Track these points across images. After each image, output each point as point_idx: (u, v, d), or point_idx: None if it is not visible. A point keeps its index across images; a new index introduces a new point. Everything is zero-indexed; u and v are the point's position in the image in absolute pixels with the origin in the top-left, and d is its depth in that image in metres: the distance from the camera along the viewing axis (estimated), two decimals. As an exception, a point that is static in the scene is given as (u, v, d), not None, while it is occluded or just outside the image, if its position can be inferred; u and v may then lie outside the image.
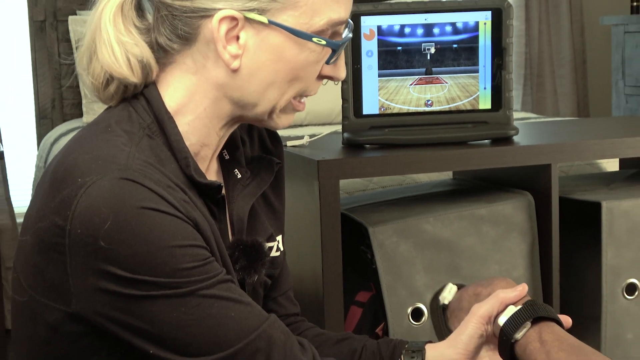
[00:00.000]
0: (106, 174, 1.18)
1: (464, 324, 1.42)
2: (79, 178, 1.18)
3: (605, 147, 1.90)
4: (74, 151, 1.24)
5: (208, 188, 1.30)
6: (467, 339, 1.41)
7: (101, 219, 1.16)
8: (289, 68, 1.29)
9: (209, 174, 1.36)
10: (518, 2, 4.62)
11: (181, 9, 1.26)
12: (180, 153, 1.28)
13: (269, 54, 1.27)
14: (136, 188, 1.17)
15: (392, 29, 1.84)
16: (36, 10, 3.95)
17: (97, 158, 1.20)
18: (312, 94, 1.35)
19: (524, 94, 4.69)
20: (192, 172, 1.27)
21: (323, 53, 1.30)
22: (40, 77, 3.96)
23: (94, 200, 1.16)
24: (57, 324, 1.24)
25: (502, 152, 1.84)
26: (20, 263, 1.28)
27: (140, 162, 1.21)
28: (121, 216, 1.16)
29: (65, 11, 3.96)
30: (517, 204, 1.89)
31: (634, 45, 4.22)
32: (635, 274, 1.92)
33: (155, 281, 1.17)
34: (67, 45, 3.94)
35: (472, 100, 1.89)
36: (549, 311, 1.36)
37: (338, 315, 1.76)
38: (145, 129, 1.28)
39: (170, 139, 1.28)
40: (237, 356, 1.20)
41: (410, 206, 1.90)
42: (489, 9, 1.86)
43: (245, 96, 1.30)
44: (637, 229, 1.91)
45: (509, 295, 1.40)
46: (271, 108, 1.31)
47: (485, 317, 1.40)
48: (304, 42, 1.27)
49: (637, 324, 1.92)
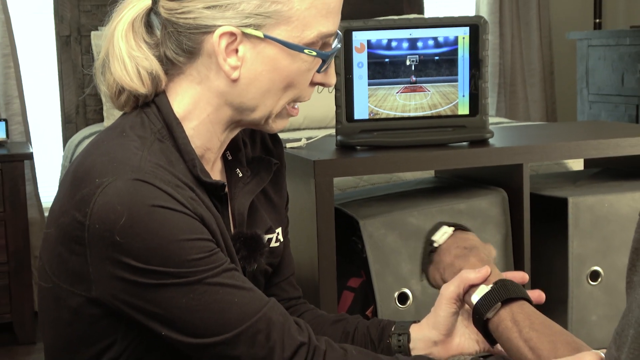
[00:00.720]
0: (121, 175, 1.18)
1: (437, 306, 1.41)
2: (96, 178, 1.18)
3: (571, 149, 1.90)
4: (93, 153, 1.24)
5: (213, 187, 1.30)
6: (443, 319, 1.40)
7: (116, 215, 1.16)
8: (283, 77, 1.28)
9: (214, 173, 1.36)
10: (493, 19, 4.62)
11: (185, 26, 1.26)
12: (188, 155, 1.28)
13: (265, 64, 1.27)
14: (148, 188, 1.17)
15: (380, 42, 1.84)
16: (62, 27, 3.94)
17: (113, 160, 1.20)
18: (306, 99, 1.34)
19: (498, 101, 4.69)
20: (199, 172, 1.28)
21: (314, 63, 1.29)
22: (66, 86, 3.95)
23: (110, 199, 1.16)
24: (79, 307, 1.24)
25: (479, 153, 1.84)
26: (45, 253, 1.28)
27: (152, 164, 1.21)
28: (134, 213, 1.16)
29: (88, 27, 3.96)
30: (492, 199, 1.88)
31: (597, 58, 4.22)
32: (598, 262, 1.91)
33: (166, 271, 1.17)
34: (89, 57, 3.94)
35: (452, 107, 1.88)
36: (520, 291, 1.33)
37: (332, 299, 1.76)
38: (156, 133, 1.28)
39: (179, 142, 1.28)
40: (240, 337, 1.19)
41: (397, 201, 1.90)
42: (467, 25, 1.85)
43: (245, 102, 1.29)
44: (600, 222, 1.91)
45: (471, 277, 1.38)
46: (268, 113, 1.31)
47: (454, 297, 1.38)
48: (296, 53, 1.27)
49: (600, 307, 1.92)
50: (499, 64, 4.67)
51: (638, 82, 3.97)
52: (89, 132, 3.70)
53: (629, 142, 1.93)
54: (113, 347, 1.26)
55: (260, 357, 1.20)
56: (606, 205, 1.91)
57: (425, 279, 1.52)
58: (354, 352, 1.25)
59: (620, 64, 4.07)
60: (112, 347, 1.27)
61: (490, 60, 4.60)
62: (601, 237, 1.91)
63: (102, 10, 3.99)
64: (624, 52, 4.05)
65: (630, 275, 0.89)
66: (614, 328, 1.96)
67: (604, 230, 1.91)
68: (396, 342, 1.42)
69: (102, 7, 3.99)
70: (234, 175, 1.40)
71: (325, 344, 1.25)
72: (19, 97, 3.86)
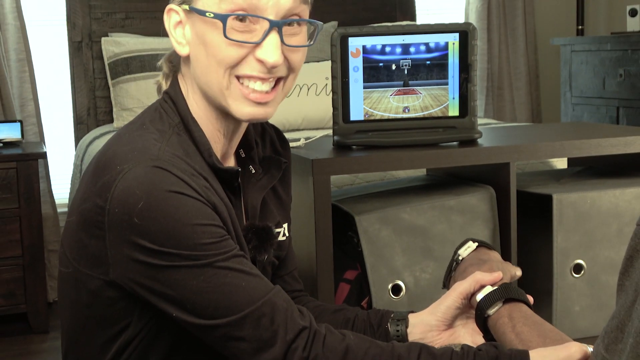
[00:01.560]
0: (140, 163, 1.19)
1: (445, 296, 1.42)
2: (117, 166, 1.20)
3: (555, 148, 1.89)
4: (114, 144, 1.25)
5: (227, 173, 1.31)
6: (445, 308, 1.41)
7: (135, 199, 1.16)
8: (211, 50, 1.26)
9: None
10: (481, 25, 4.61)
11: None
12: (204, 146, 1.29)
13: (199, 38, 1.28)
14: (165, 175, 1.18)
15: (375, 48, 1.83)
16: (74, 33, 3.93)
17: (134, 149, 1.21)
18: (249, 74, 1.27)
19: (487, 103, 4.68)
20: (214, 160, 1.28)
21: (218, 26, 1.25)
22: (78, 89, 3.94)
23: (129, 184, 1.17)
24: (97, 290, 1.25)
25: (468, 152, 1.83)
26: (66, 240, 1.29)
27: (170, 154, 1.22)
28: (152, 197, 1.16)
29: (99, 33, 3.95)
30: (481, 196, 1.88)
31: (579, 62, 4.22)
32: (581, 255, 1.91)
33: (179, 253, 1.17)
34: (100, 62, 3.93)
35: (442, 109, 1.88)
36: (521, 294, 1.36)
37: (329, 291, 1.75)
38: (174, 127, 1.30)
39: (194, 135, 1.30)
40: (246, 319, 1.19)
41: (390, 198, 1.89)
42: (457, 32, 1.85)
43: (200, 81, 1.30)
44: (582, 218, 1.90)
45: (485, 278, 1.39)
46: (218, 91, 1.28)
47: (463, 293, 1.40)
48: (212, 21, 1.25)
49: (583, 298, 1.92)
50: (487, 68, 4.66)
51: (618, 86, 3.96)
52: (100, 132, 3.70)
53: (610, 142, 1.92)
54: (128, 329, 1.27)
55: (264, 339, 1.20)
56: (588, 201, 1.90)
57: (446, 288, 1.52)
58: (352, 337, 1.25)
59: (602, 68, 4.07)
60: (127, 329, 1.27)
61: (479, 65, 4.60)
62: (584, 231, 1.90)
63: (112, 18, 3.98)
64: (605, 57, 4.05)
65: (622, 279, 0.90)
66: (596, 318, 1.96)
67: (586, 225, 1.91)
68: (395, 329, 1.42)
69: (112, 14, 3.98)
70: (247, 172, 1.40)
71: (325, 329, 1.25)
72: (34, 100, 3.86)
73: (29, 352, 3.32)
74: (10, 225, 3.44)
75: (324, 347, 1.22)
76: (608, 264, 1.91)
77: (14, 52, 3.81)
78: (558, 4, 4.84)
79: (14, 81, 3.84)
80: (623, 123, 3.95)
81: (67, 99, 4.05)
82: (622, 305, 0.88)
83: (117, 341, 1.28)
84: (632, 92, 3.88)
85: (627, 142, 1.93)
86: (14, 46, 3.81)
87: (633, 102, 3.89)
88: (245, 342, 1.20)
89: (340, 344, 1.23)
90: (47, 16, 4.05)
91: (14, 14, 3.79)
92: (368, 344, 1.25)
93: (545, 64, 4.86)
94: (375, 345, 1.24)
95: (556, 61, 4.73)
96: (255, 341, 1.19)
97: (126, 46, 3.79)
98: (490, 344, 1.26)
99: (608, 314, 1.92)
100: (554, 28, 4.82)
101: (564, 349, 1.20)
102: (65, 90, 4.05)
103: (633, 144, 1.93)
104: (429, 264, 1.83)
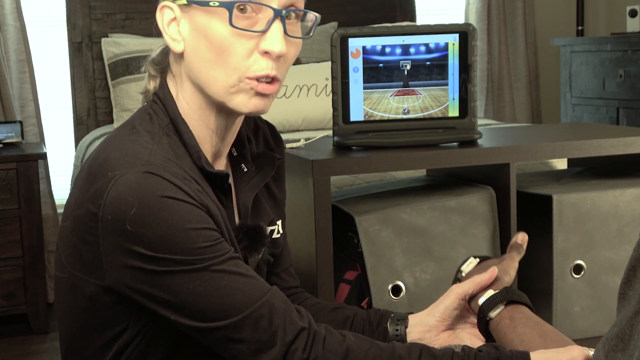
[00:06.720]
0: (132, 168, 1.18)
1: (443, 297, 1.43)
2: (109, 172, 1.19)
3: (555, 149, 1.89)
4: (105, 149, 1.24)
5: (217, 177, 1.30)
6: (443, 309, 1.41)
7: (127, 206, 1.16)
8: (216, 44, 1.23)
9: (219, 168, 1.35)
10: (481, 26, 4.61)
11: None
12: (192, 148, 1.28)
13: (199, 32, 1.25)
14: (157, 180, 1.17)
15: (375, 48, 1.83)
16: (74, 34, 3.94)
17: (125, 155, 1.20)
18: (260, 74, 1.24)
19: (486, 104, 4.68)
20: (203, 163, 1.27)
21: (223, 15, 1.23)
22: (78, 90, 3.95)
23: (122, 190, 1.16)
24: (93, 295, 1.24)
25: (468, 153, 1.83)
26: (61, 245, 1.29)
27: (161, 158, 1.21)
28: (144, 203, 1.16)
29: (99, 34, 3.95)
30: (481, 196, 1.88)
31: (579, 63, 4.22)
32: (581, 256, 1.91)
33: (174, 258, 1.17)
34: (100, 63, 3.93)
35: (442, 109, 1.88)
36: (522, 297, 1.37)
37: (329, 291, 1.75)
38: (164, 128, 1.29)
39: (184, 137, 1.29)
40: (245, 321, 1.19)
41: (390, 199, 1.89)
42: (457, 32, 1.85)
43: (198, 77, 1.28)
44: (582, 218, 1.90)
45: (482, 277, 1.39)
46: (224, 88, 1.26)
47: (461, 294, 1.40)
48: (213, 10, 1.23)
49: (583, 299, 1.92)
50: (487, 69, 4.66)
51: (618, 86, 3.96)
52: (100, 133, 3.70)
53: (610, 142, 1.92)
54: (125, 333, 1.27)
55: (263, 341, 1.19)
56: (588, 202, 1.90)
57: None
58: (352, 338, 1.25)
59: (602, 68, 4.07)
60: (124, 333, 1.27)
61: (479, 65, 4.60)
62: (584, 232, 1.90)
63: (112, 18, 3.98)
64: (605, 57, 4.05)
65: (624, 288, 0.90)
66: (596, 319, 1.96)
67: (586, 226, 1.90)
68: (394, 329, 1.42)
69: (112, 15, 3.99)
70: (239, 170, 1.40)
71: (324, 330, 1.24)
72: (34, 100, 3.86)
73: (29, 353, 3.32)
74: (11, 226, 3.44)
75: (324, 348, 1.21)
76: (608, 265, 1.91)
77: (14, 52, 3.82)
78: (558, 5, 4.84)
79: (14, 82, 3.84)
80: (623, 123, 3.95)
81: (67, 99, 4.05)
82: (624, 314, 0.88)
83: (115, 344, 1.27)
84: (632, 93, 3.88)
85: (627, 142, 1.93)
86: (14, 47, 3.81)
87: (633, 102, 3.89)
88: (244, 344, 1.19)
89: (340, 345, 1.23)
90: (47, 17, 4.05)
91: (14, 14, 3.79)
92: (368, 344, 1.24)
93: (545, 64, 4.86)
94: (376, 346, 1.24)
95: (556, 62, 4.73)
96: (254, 343, 1.19)
97: (126, 47, 3.79)
98: (491, 345, 1.25)
99: (608, 314, 1.92)
100: (553, 29, 4.82)
101: (566, 351, 1.20)
102: (65, 91, 4.05)
103: (633, 144, 1.93)
104: (429, 264, 1.83)
